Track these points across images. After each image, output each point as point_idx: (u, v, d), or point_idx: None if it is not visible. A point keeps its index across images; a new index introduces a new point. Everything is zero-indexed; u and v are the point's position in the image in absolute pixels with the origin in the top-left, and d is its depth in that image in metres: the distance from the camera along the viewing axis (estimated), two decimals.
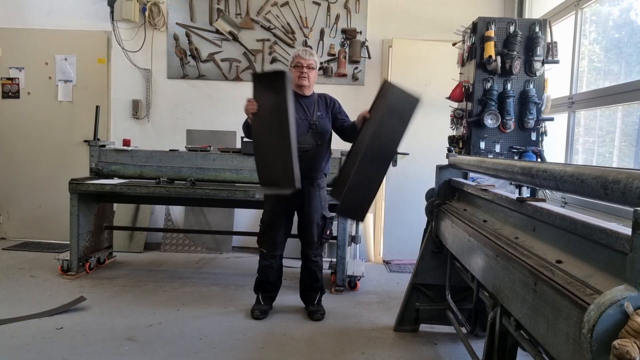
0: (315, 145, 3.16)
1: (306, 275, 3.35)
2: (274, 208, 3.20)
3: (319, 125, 3.17)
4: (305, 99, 3.19)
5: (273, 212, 3.20)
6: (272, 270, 3.26)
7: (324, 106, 3.25)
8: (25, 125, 5.15)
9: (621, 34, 3.34)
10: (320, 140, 3.18)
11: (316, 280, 3.32)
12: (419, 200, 3.16)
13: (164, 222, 5.11)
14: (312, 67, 3.16)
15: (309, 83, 3.17)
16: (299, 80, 3.14)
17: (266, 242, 3.22)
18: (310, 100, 3.21)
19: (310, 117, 3.16)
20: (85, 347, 2.70)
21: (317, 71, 3.29)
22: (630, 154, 3.10)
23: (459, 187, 2.80)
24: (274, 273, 3.29)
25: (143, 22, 5.00)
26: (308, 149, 3.11)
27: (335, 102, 3.32)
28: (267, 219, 3.22)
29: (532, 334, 1.49)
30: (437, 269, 2.96)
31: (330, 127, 3.25)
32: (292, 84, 3.15)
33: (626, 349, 0.96)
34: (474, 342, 2.52)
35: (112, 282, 3.87)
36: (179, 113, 5.13)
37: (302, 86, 3.15)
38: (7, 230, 5.26)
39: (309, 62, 3.14)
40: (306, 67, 3.13)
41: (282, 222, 3.20)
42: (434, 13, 4.92)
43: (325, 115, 3.23)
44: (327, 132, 3.23)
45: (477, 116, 3.50)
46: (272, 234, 3.20)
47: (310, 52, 3.21)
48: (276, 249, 3.22)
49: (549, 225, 1.57)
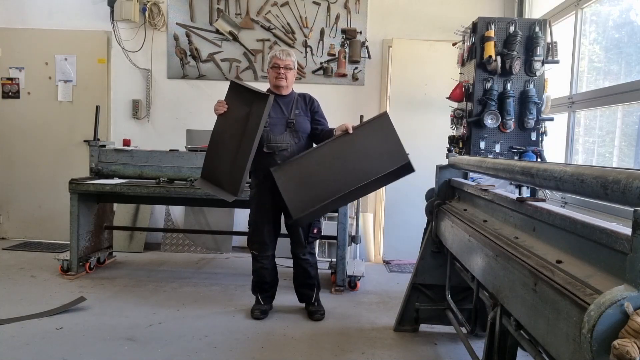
0: (293, 144, 3.09)
1: (297, 272, 3.33)
2: (258, 209, 3.18)
3: (296, 124, 3.11)
4: (283, 98, 3.16)
5: (258, 213, 3.19)
6: (266, 271, 3.26)
7: (302, 105, 3.20)
8: (25, 125, 5.15)
9: (621, 34, 3.34)
10: (297, 139, 3.11)
11: (309, 277, 3.31)
12: (419, 200, 3.16)
13: (164, 222, 5.11)
14: (290, 67, 3.13)
15: (287, 83, 3.14)
16: (277, 80, 3.12)
17: (256, 243, 3.22)
18: (287, 99, 3.18)
19: (288, 116, 3.12)
20: (85, 347, 2.70)
21: (296, 70, 3.24)
22: (630, 154, 3.10)
23: (459, 187, 2.80)
24: (269, 273, 3.28)
25: (143, 22, 5.00)
26: (286, 148, 3.07)
27: (314, 101, 3.25)
28: (253, 221, 3.22)
29: (532, 334, 1.49)
30: (437, 269, 2.96)
31: (309, 126, 3.18)
32: (270, 84, 3.20)
33: (626, 349, 0.96)
34: (474, 342, 2.52)
35: (112, 282, 3.87)
36: (179, 113, 5.13)
37: (280, 86, 3.14)
38: (7, 230, 5.26)
39: (286, 63, 3.12)
40: (283, 68, 3.10)
41: (269, 222, 3.19)
42: (434, 13, 4.92)
43: (304, 114, 3.18)
44: (306, 131, 3.16)
45: (477, 116, 3.50)
46: (260, 235, 3.19)
47: (288, 52, 3.17)
48: (267, 249, 3.22)
49: (549, 225, 1.57)
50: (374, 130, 2.96)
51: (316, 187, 2.89)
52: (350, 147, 2.93)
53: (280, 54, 3.13)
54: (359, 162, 2.89)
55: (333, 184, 2.87)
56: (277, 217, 3.24)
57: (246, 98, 2.95)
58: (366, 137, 2.94)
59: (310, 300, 3.33)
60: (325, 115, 3.29)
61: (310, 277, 3.31)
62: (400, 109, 4.85)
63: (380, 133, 2.93)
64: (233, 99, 2.99)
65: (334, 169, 2.91)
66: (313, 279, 3.33)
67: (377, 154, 2.89)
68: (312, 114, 3.22)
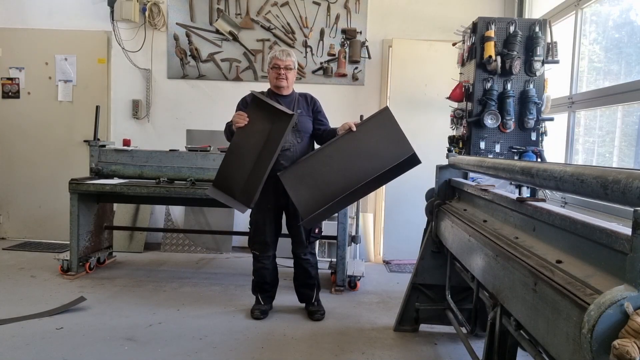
0: (295, 144, 3.10)
1: (298, 272, 3.34)
2: (259, 209, 3.18)
3: (299, 124, 3.10)
4: (284, 98, 3.15)
5: (259, 213, 3.19)
6: (267, 271, 3.26)
7: (304, 104, 3.20)
8: (25, 125, 5.15)
9: (621, 34, 3.33)
10: (300, 138, 3.12)
11: (309, 277, 3.31)
12: (419, 200, 3.16)
13: (164, 222, 5.11)
14: (290, 67, 3.13)
15: (287, 84, 3.14)
16: (277, 81, 3.12)
17: (257, 243, 3.22)
18: (289, 99, 3.17)
19: None
20: (85, 347, 2.70)
21: (296, 70, 3.24)
22: (630, 154, 3.10)
23: (459, 187, 2.80)
24: (270, 273, 3.29)
25: (143, 22, 5.00)
26: (289, 148, 3.07)
27: (316, 102, 3.26)
28: (254, 221, 3.22)
29: (532, 334, 1.49)
30: (437, 269, 2.96)
31: (311, 126, 3.19)
32: (270, 85, 3.19)
33: (626, 349, 0.96)
34: (474, 342, 2.52)
35: (112, 282, 3.87)
36: (179, 113, 5.13)
37: (281, 87, 3.13)
38: (7, 230, 5.26)
39: (287, 63, 3.11)
40: (284, 68, 3.10)
41: (270, 222, 3.18)
42: (434, 13, 4.92)
43: (306, 114, 3.17)
44: (308, 131, 3.17)
45: (477, 116, 3.49)
46: (261, 235, 3.20)
47: (288, 52, 3.17)
48: (268, 249, 3.22)
49: (549, 225, 1.57)
50: (376, 126, 2.96)
51: (324, 187, 2.88)
52: (355, 145, 2.93)
53: (280, 55, 3.13)
54: (364, 159, 2.89)
55: (340, 183, 2.86)
56: (279, 217, 3.24)
57: (269, 114, 2.91)
58: (369, 133, 2.94)
59: (310, 300, 3.33)
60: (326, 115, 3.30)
61: (311, 277, 3.31)
62: (400, 109, 4.83)
63: (383, 128, 2.93)
64: (255, 112, 2.96)
65: (341, 168, 2.90)
66: (313, 279, 3.33)
67: (381, 149, 2.89)
68: (314, 114, 3.22)
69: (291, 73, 3.15)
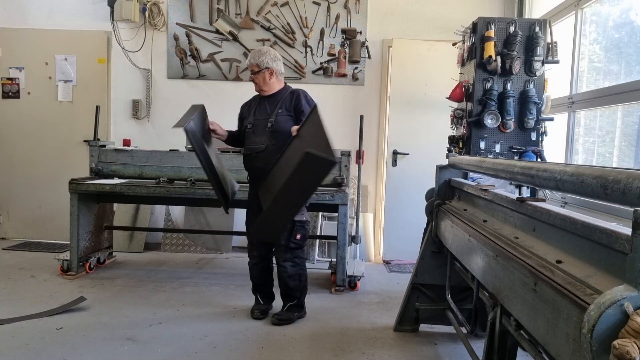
0: (270, 145, 3.02)
1: (279, 278, 3.19)
2: (247, 210, 3.28)
3: (275, 124, 3.03)
4: (270, 98, 3.13)
5: (247, 213, 3.28)
6: (253, 270, 3.27)
7: (288, 103, 3.09)
8: (25, 125, 5.14)
9: (621, 34, 3.33)
10: (275, 139, 3.01)
11: (285, 287, 3.16)
12: (419, 200, 3.16)
13: (164, 222, 5.11)
14: (254, 70, 3.08)
15: (261, 86, 3.11)
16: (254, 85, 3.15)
17: (247, 242, 3.31)
18: (275, 98, 3.12)
19: (269, 117, 3.07)
20: (85, 347, 2.70)
21: (270, 70, 3.07)
22: (630, 154, 3.10)
23: (459, 187, 2.79)
24: (257, 274, 3.25)
25: (143, 22, 5.00)
26: (263, 149, 3.04)
27: (300, 99, 3.08)
28: (245, 221, 3.31)
29: (532, 334, 1.49)
30: (437, 269, 2.96)
31: (291, 125, 2.99)
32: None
33: (626, 349, 0.96)
34: (474, 342, 2.52)
35: (112, 282, 3.87)
36: (179, 113, 5.03)
37: (259, 89, 3.15)
38: (7, 230, 5.25)
39: (252, 67, 3.09)
40: (251, 73, 3.10)
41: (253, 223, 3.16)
42: (434, 13, 4.92)
43: (287, 113, 3.06)
44: (285, 131, 2.98)
45: (477, 116, 3.50)
46: (248, 236, 3.28)
47: (255, 54, 3.09)
48: (252, 249, 3.24)
49: (549, 225, 1.57)
50: (308, 127, 2.80)
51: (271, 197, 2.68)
52: (294, 150, 2.78)
53: (248, 59, 3.13)
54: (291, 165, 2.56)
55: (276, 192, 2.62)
56: None
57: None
58: (303, 136, 2.80)
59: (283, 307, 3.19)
60: (324, 116, 3.24)
61: (288, 287, 3.15)
62: (400, 109, 4.85)
63: (312, 129, 2.73)
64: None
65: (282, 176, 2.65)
66: (290, 290, 3.15)
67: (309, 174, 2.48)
68: (296, 114, 3.06)
69: (260, 75, 3.08)
